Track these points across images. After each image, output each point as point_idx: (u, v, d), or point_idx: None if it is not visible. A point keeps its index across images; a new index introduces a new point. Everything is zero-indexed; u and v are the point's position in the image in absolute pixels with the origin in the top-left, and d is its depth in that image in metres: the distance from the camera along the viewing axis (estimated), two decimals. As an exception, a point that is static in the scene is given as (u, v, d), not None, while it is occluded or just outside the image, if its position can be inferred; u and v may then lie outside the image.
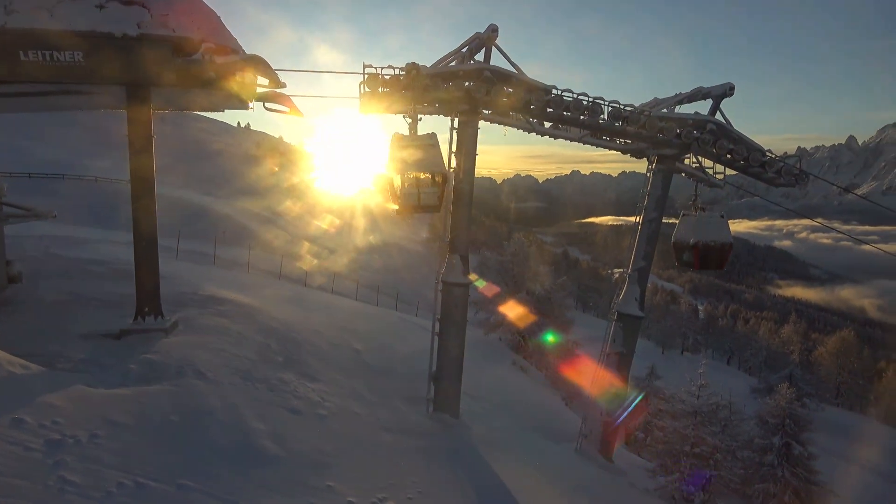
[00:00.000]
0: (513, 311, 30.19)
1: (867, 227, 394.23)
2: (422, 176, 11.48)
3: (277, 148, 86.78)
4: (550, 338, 39.17)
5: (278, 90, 11.90)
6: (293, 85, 12.17)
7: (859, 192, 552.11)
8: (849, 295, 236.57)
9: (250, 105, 12.28)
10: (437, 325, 14.16)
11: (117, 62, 10.58)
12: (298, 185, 69.77)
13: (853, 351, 70.91)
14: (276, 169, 74.23)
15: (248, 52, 11.48)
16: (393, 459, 10.23)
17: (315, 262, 41.79)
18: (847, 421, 59.77)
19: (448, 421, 13.72)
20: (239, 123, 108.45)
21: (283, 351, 13.26)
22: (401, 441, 11.32)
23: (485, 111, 14.25)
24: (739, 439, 16.86)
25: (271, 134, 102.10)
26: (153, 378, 9.84)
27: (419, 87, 12.82)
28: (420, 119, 12.77)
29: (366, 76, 12.80)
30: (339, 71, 12.59)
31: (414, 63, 12.68)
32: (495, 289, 32.01)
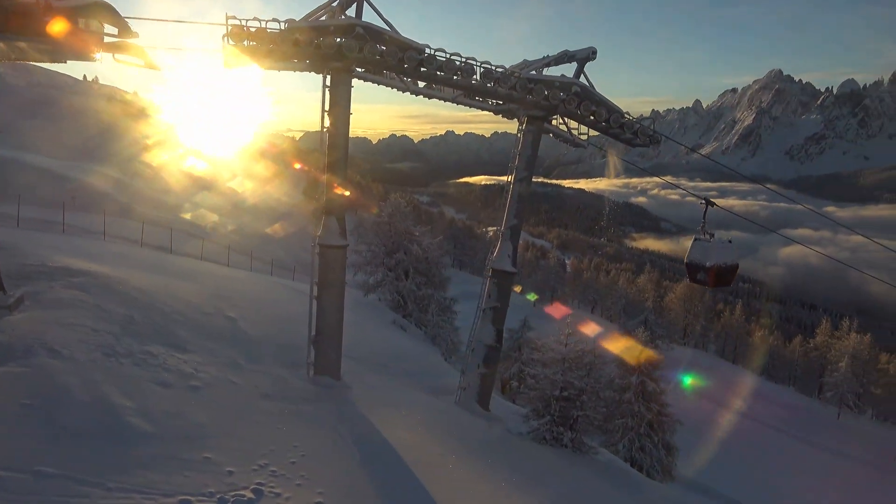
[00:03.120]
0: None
1: (708, 184, 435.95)
2: None
3: (131, 104, 79.23)
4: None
5: (129, 40, 10.83)
6: (148, 35, 11.11)
7: (703, 151, 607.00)
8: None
9: (97, 56, 11.08)
10: (315, 289, 13.96)
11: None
12: (158, 145, 64.47)
13: (697, 296, 79.17)
14: (131, 127, 67.88)
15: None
16: (273, 426, 10.10)
17: (180, 227, 39.18)
18: (692, 358, 67.08)
19: (329, 383, 13.70)
20: (85, 77, 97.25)
21: (149, 323, 12.48)
22: (281, 407, 11.17)
23: (358, 69, 13.93)
24: (602, 381, 18.39)
25: (123, 89, 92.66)
26: (-4, 360, 8.90)
27: (288, 41, 12.24)
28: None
29: (229, 28, 12.01)
30: (200, 21, 11.67)
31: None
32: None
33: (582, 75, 16.26)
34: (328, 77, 13.18)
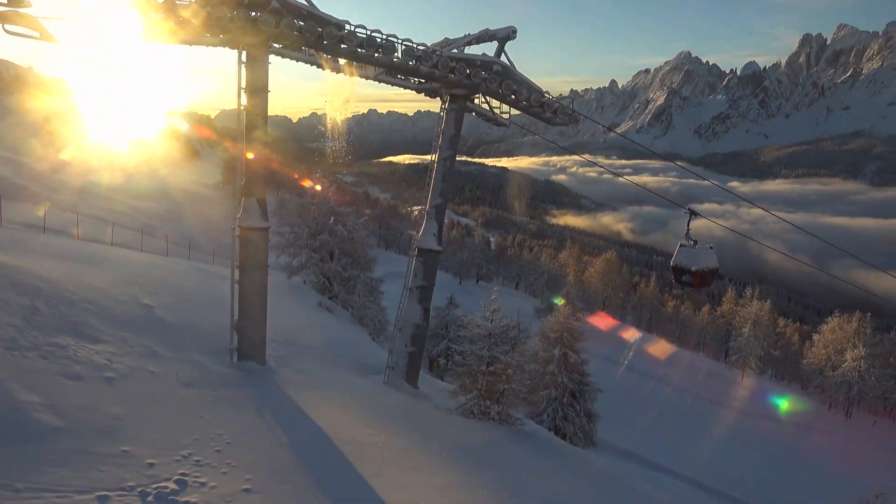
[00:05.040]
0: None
1: (623, 161, 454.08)
2: None
3: (27, 80, 72.95)
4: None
5: (21, 9, 9.96)
6: (45, 4, 10.25)
7: (619, 130, 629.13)
8: (608, 221, 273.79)
9: (-18, 26, 10.13)
10: (237, 272, 13.58)
11: None
12: (60, 124, 59.87)
13: (615, 269, 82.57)
14: (29, 105, 62.61)
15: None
16: (196, 414, 9.82)
17: (88, 211, 36.84)
18: (610, 328, 70.12)
19: (254, 368, 13.44)
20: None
21: (56, 313, 11.73)
22: (203, 395, 10.86)
23: (275, 45, 13.48)
24: (527, 354, 18.97)
25: (17, 63, 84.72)
26: None
27: (199, 14, 11.66)
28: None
29: (134, -1, 11.29)
30: (99, -10, 10.87)
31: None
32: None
33: (503, 54, 16.42)
34: (244, 53, 12.69)
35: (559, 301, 76.44)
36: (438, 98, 17.01)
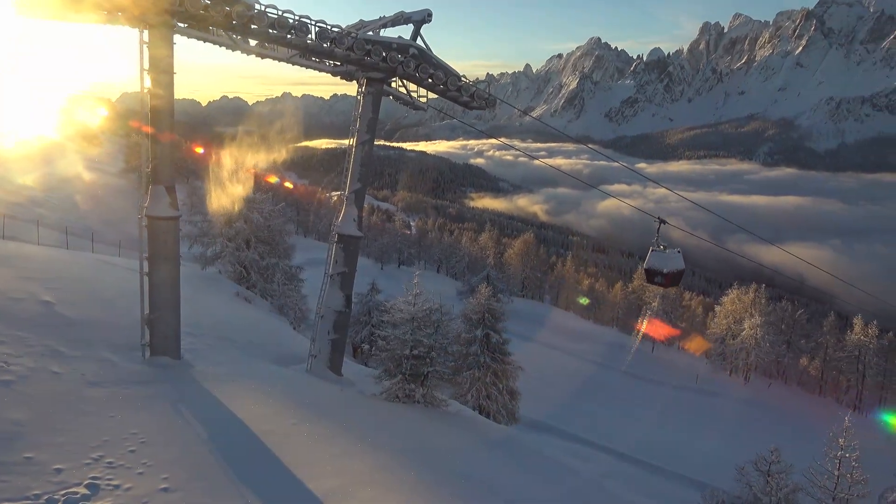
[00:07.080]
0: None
1: (539, 144, 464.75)
2: None
3: None
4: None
5: None
6: None
7: (534, 114, 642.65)
8: (525, 203, 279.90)
9: None
10: (146, 264, 12.93)
11: None
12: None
13: (533, 250, 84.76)
14: None
15: None
16: (105, 415, 9.35)
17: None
18: (530, 308, 72.10)
19: (168, 363, 12.91)
20: None
21: (-60, 314, 10.80)
22: (113, 394, 10.35)
23: (180, 24, 12.80)
24: (450, 336, 19.14)
25: None
26: None
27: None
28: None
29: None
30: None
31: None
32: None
33: (419, 37, 16.36)
34: (146, 32, 11.97)
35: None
36: (355, 81, 16.77)
